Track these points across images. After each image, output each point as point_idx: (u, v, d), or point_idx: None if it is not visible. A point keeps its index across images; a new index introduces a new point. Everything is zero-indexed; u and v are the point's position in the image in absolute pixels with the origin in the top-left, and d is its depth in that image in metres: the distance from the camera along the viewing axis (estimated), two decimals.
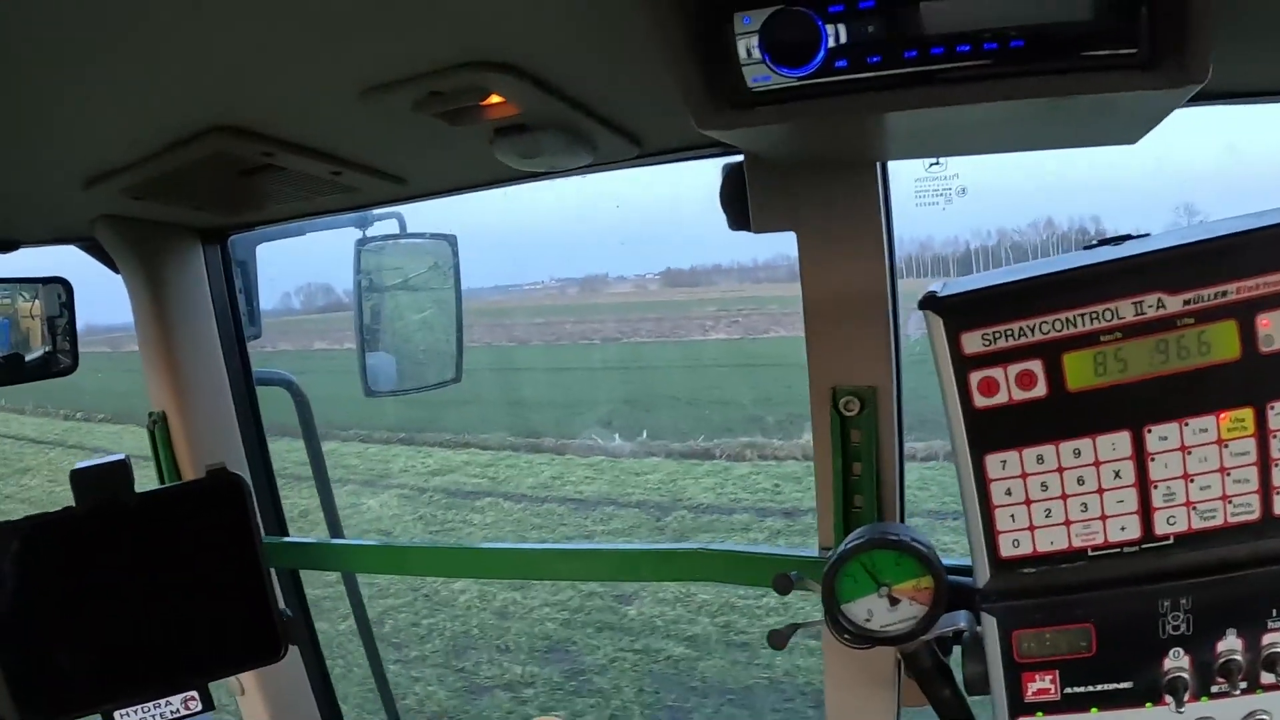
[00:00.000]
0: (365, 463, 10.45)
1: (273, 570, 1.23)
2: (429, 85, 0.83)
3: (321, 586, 3.60)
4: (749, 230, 1.13)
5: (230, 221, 1.42)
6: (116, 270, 1.44)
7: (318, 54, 0.77)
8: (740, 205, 1.12)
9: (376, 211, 1.63)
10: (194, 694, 1.07)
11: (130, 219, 1.33)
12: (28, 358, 1.43)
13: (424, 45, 0.77)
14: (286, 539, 1.56)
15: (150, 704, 1.04)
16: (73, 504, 1.02)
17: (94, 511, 1.01)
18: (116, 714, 1.04)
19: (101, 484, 1.01)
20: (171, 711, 1.05)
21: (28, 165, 1.06)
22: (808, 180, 1.08)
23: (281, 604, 1.15)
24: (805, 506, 7.51)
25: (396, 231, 1.68)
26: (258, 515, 1.11)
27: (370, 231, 1.64)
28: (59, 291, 1.43)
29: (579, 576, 1.51)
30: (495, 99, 0.86)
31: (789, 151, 0.97)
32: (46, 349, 1.44)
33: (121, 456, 1.06)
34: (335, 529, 1.68)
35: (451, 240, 1.73)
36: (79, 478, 1.01)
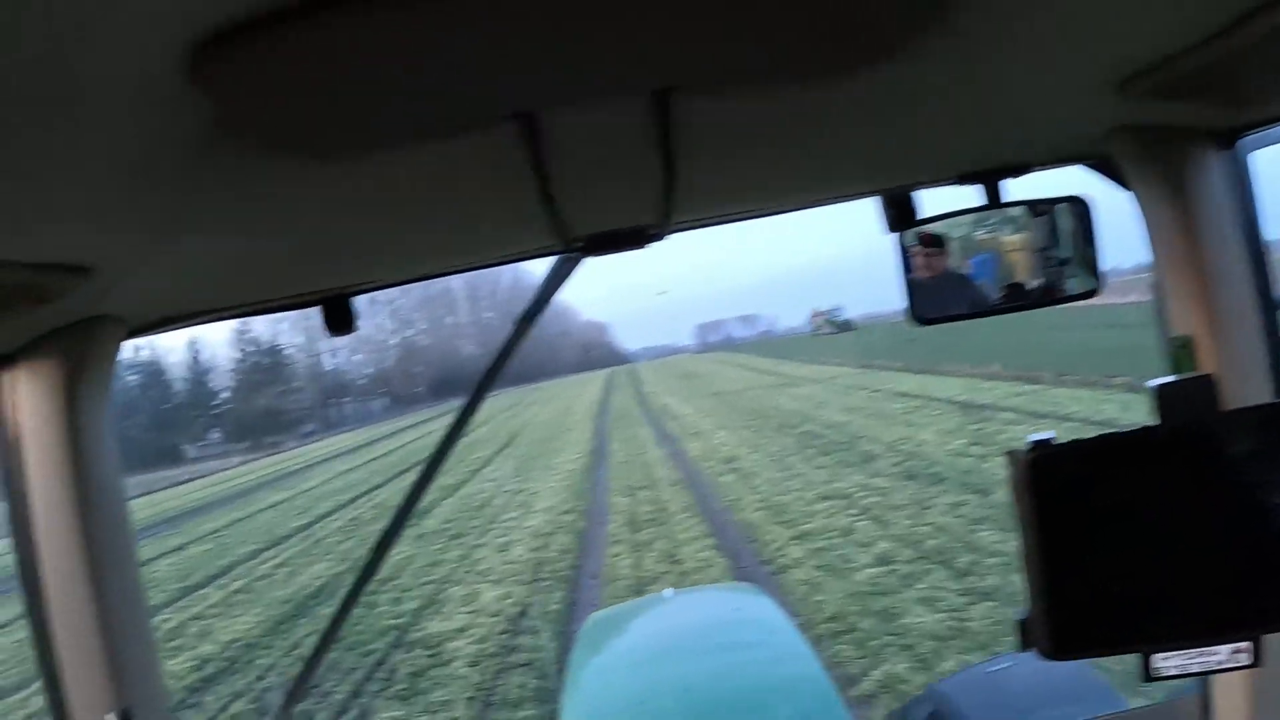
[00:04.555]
0: None
1: None
2: None
3: None
4: None
5: (1247, 120, 1.23)
6: (1127, 187, 1.29)
7: None
8: None
9: None
10: (1246, 645, 0.91)
11: (1149, 127, 1.18)
12: (1027, 286, 1.33)
13: None
14: None
15: (1194, 650, 0.91)
16: (1150, 423, 0.93)
17: (1176, 430, 0.91)
18: (1155, 656, 0.92)
19: (1187, 400, 0.97)
20: (1216, 662, 0.92)
21: (1046, 76, 0.97)
22: None
23: None
24: None
25: None
26: None
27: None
28: (1070, 212, 1.31)
29: None
30: None
31: None
32: (1039, 280, 1.32)
33: (1207, 373, 1.02)
34: None
35: None
36: (1162, 394, 0.96)
